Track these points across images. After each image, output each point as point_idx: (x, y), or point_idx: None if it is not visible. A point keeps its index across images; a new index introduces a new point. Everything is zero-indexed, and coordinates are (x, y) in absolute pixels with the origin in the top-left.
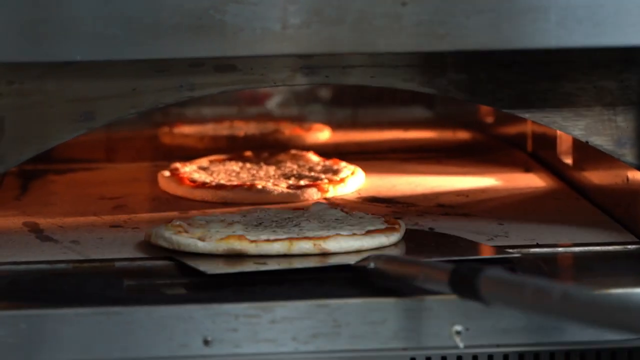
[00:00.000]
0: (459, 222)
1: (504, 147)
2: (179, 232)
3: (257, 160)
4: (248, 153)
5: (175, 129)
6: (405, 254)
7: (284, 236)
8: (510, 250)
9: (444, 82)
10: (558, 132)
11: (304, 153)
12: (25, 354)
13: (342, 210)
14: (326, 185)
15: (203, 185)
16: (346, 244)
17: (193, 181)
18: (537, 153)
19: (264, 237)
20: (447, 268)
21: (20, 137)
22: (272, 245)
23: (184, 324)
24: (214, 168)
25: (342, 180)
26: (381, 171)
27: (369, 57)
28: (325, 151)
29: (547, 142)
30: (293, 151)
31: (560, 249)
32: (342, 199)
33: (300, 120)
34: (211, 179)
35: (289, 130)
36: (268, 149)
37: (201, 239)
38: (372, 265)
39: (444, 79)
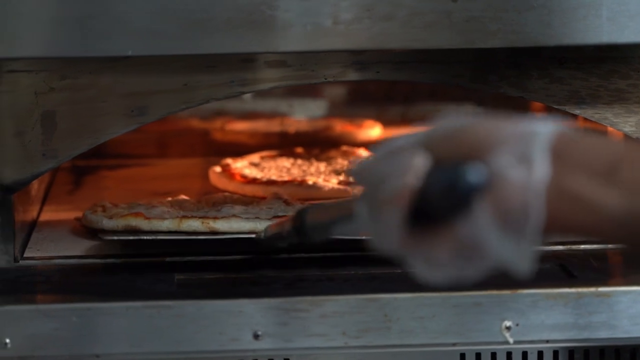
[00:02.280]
0: None
1: None
2: (96, 211)
3: (308, 156)
4: (299, 149)
5: (227, 126)
6: None
7: (177, 214)
8: None
9: (495, 79)
10: (608, 128)
11: (355, 149)
12: (76, 347)
13: (284, 201)
14: None
15: (254, 181)
16: (237, 225)
17: (244, 177)
18: None
19: (162, 216)
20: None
21: (72, 131)
22: (163, 222)
23: (234, 318)
24: (265, 164)
25: None
26: None
27: (420, 53)
28: None
29: None
30: (344, 147)
31: (610, 245)
32: None
33: (352, 116)
34: (262, 174)
35: (340, 126)
36: (319, 145)
37: (110, 217)
38: (262, 235)
39: (496, 75)
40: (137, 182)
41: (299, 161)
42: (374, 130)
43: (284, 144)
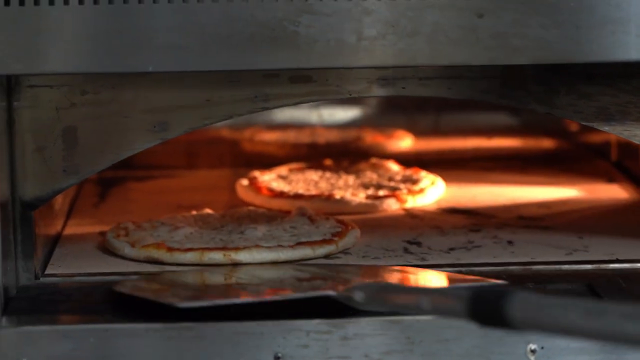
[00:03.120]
0: (537, 235)
1: (588, 156)
2: (118, 235)
3: (336, 169)
4: (328, 161)
5: (257, 136)
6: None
7: (199, 245)
8: (499, 282)
9: (523, 94)
10: None
11: (384, 162)
12: None
13: (309, 218)
14: (405, 196)
15: (281, 194)
16: (259, 256)
17: (271, 190)
18: (622, 162)
19: (184, 245)
20: (463, 294)
21: (93, 147)
22: (185, 255)
23: (255, 339)
24: (293, 177)
25: (421, 190)
26: (462, 180)
27: (446, 68)
28: (406, 159)
29: (631, 152)
30: (373, 160)
31: (638, 265)
32: (421, 210)
33: (382, 127)
34: (289, 188)
35: (370, 137)
36: (349, 156)
37: (132, 244)
38: (359, 297)
39: (523, 91)
40: (163, 194)
41: (327, 174)
42: (404, 141)
43: (313, 155)
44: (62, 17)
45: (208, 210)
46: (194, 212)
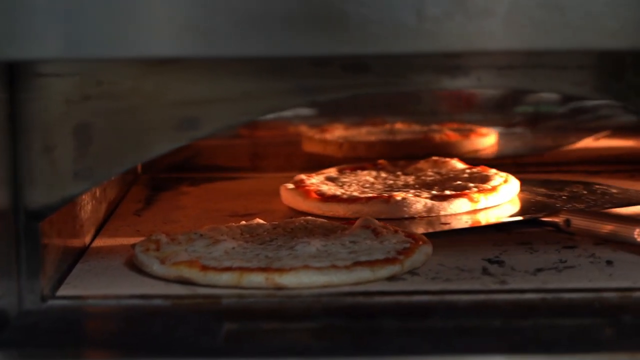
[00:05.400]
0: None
1: None
2: (148, 249)
3: (393, 168)
4: (382, 161)
5: (317, 135)
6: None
7: (239, 264)
8: None
9: (622, 87)
10: None
11: (448, 160)
12: None
13: (373, 231)
14: (476, 195)
15: (333, 198)
16: (307, 279)
17: (321, 194)
18: None
19: (222, 263)
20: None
21: (110, 147)
22: (221, 276)
23: None
24: (344, 179)
25: (493, 188)
26: None
27: (528, 55)
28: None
29: None
30: (434, 158)
31: None
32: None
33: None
34: (342, 191)
35: (442, 135)
36: (427, 154)
37: (162, 260)
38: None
39: (622, 83)
40: (217, 200)
41: (383, 174)
42: (487, 138)
43: (374, 156)
44: None
45: (259, 220)
46: (243, 223)
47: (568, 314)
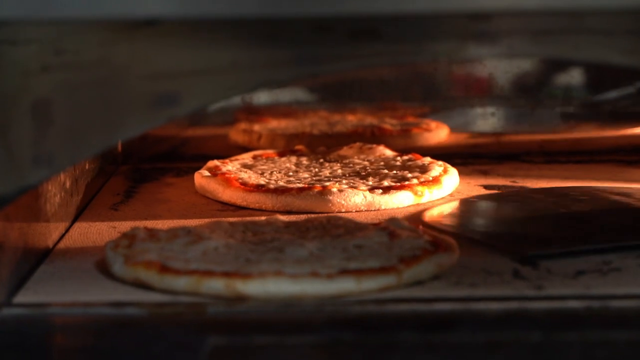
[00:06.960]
0: None
1: None
2: (117, 246)
3: (313, 155)
4: (300, 147)
5: (243, 125)
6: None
7: (205, 267)
8: None
9: None
10: None
11: (374, 146)
12: None
13: (390, 234)
14: (420, 188)
15: (259, 188)
16: (275, 289)
17: (243, 183)
18: None
19: (189, 266)
20: None
21: (74, 128)
22: (178, 280)
23: None
24: (262, 166)
25: (436, 180)
26: (594, 177)
27: (570, 19)
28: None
29: None
30: (359, 143)
31: None
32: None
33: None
34: (266, 180)
35: (374, 129)
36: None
37: (127, 259)
38: None
39: None
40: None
41: (304, 161)
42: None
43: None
44: None
45: (278, 217)
46: (264, 218)
47: (619, 325)
